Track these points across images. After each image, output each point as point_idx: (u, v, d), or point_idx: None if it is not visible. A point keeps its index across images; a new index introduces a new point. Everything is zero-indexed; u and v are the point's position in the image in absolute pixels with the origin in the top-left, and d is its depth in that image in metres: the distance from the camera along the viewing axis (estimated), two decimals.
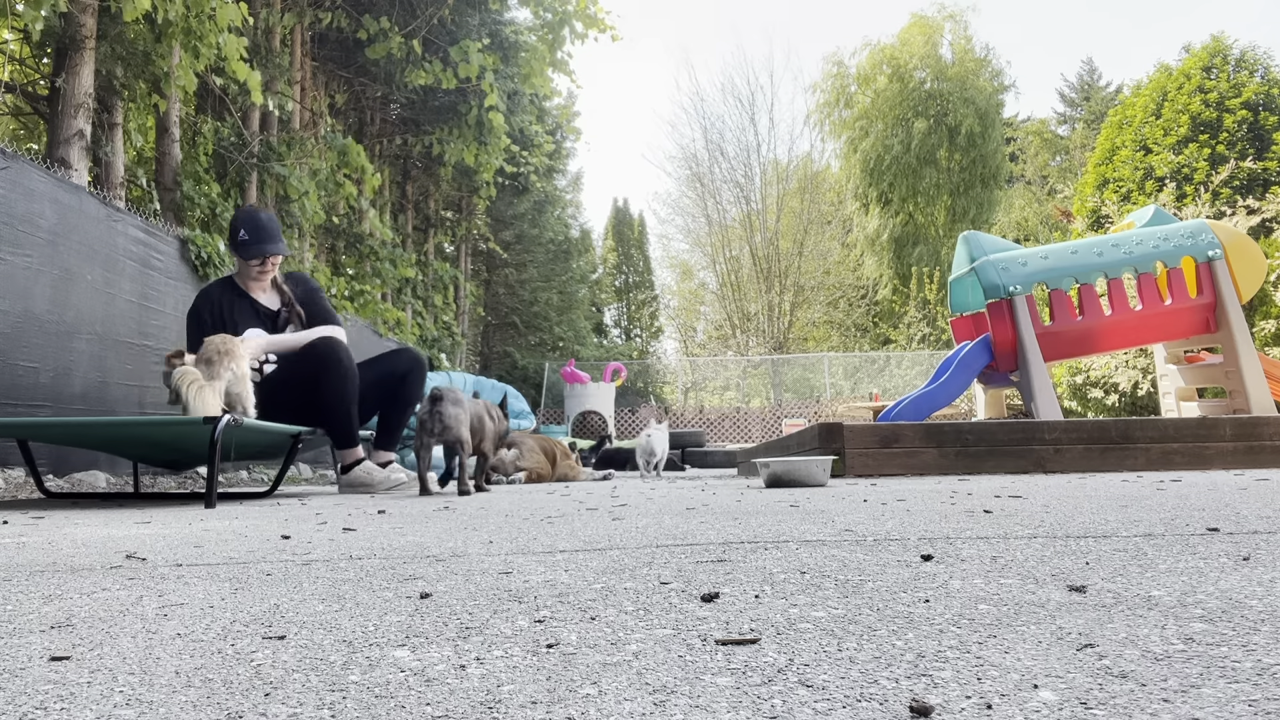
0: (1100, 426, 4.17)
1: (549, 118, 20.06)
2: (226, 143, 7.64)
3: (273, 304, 4.01)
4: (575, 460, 5.99)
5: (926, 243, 25.96)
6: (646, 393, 23.76)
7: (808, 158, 30.99)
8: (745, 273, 30.56)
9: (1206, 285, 5.19)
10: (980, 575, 1.00)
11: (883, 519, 1.72)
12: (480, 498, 3.13)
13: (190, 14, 5.34)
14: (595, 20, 9.80)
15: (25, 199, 4.33)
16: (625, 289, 37.42)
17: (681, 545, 1.37)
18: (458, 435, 3.41)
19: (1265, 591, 0.85)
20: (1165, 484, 2.71)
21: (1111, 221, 9.66)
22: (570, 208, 27.69)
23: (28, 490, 3.98)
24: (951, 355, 5.50)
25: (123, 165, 6.24)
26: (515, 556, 1.28)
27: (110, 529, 1.93)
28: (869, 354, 21.61)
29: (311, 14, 9.13)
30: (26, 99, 6.68)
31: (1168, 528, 1.42)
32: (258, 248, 3.84)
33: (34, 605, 0.94)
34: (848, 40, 62.01)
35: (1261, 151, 9.55)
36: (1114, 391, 9.58)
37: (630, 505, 2.41)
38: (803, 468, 3.34)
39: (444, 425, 3.38)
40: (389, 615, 0.84)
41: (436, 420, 3.38)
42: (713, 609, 0.84)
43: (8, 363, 4.18)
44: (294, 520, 2.10)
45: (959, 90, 26.05)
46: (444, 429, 3.39)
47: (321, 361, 3.81)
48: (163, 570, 1.21)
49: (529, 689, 0.58)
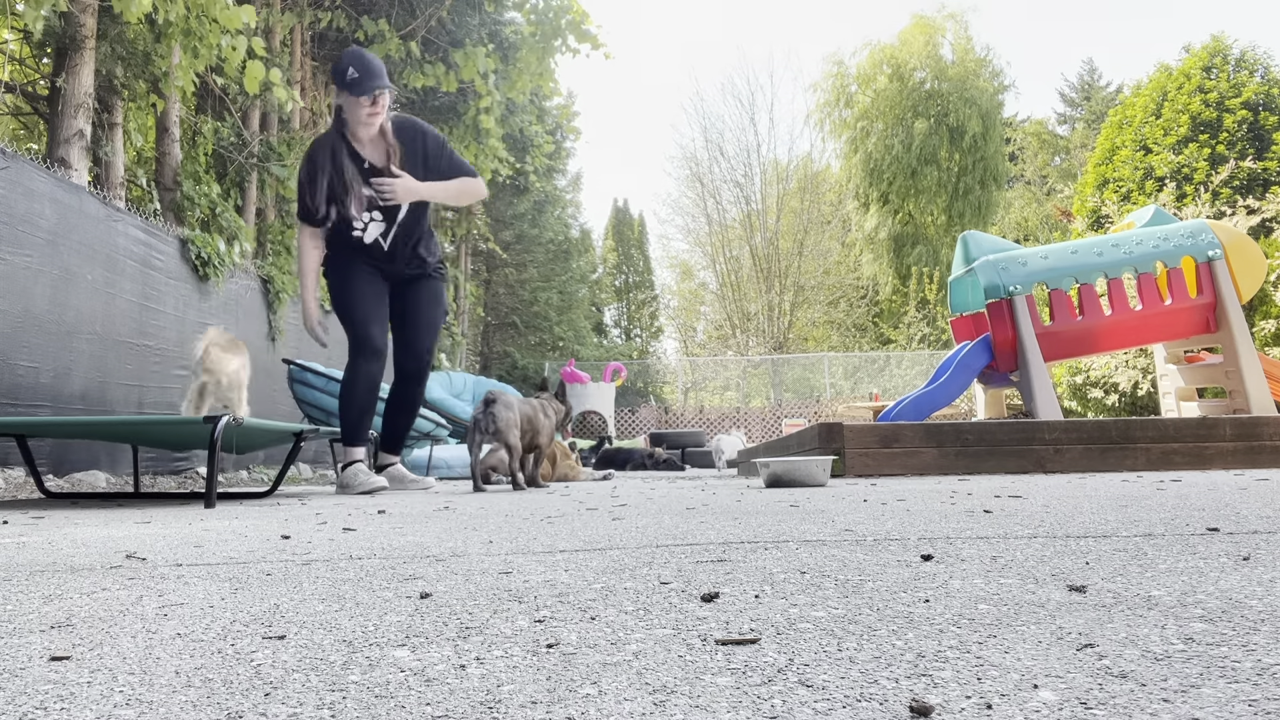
0: (1100, 426, 4.17)
1: (549, 118, 20.06)
2: (226, 143, 7.64)
3: (378, 158, 3.84)
4: (575, 460, 5.99)
5: (926, 243, 25.95)
6: (646, 393, 23.78)
7: (808, 157, 31.00)
8: (745, 273, 30.55)
9: (1206, 285, 5.19)
10: (980, 575, 1.00)
11: (883, 519, 1.72)
12: (480, 498, 3.14)
13: (190, 15, 5.34)
14: (589, 36, 9.78)
15: (25, 199, 4.33)
16: (625, 289, 37.42)
17: (681, 545, 1.37)
18: (506, 438, 3.69)
19: (1265, 591, 0.85)
20: (1165, 484, 2.71)
21: (1111, 221, 9.66)
22: (570, 208, 27.67)
23: (28, 490, 3.98)
24: (951, 355, 5.50)
25: (123, 165, 6.24)
26: (515, 556, 1.28)
27: (110, 529, 1.93)
28: (869, 354, 21.60)
29: (311, 14, 9.13)
30: (26, 99, 6.68)
31: (1168, 528, 1.42)
32: (369, 83, 3.67)
33: (34, 605, 0.94)
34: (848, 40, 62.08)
35: (1261, 151, 9.54)
36: (1114, 391, 9.58)
37: (630, 505, 2.41)
38: (803, 468, 3.34)
39: (496, 427, 3.67)
40: (389, 615, 0.84)
41: (490, 420, 3.67)
42: (713, 609, 0.84)
43: (8, 363, 4.18)
44: (294, 520, 2.10)
45: (959, 90, 26.05)
46: (496, 430, 3.67)
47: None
48: (163, 570, 1.21)
49: (529, 689, 0.58)
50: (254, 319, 7.02)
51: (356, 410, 3.87)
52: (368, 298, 3.87)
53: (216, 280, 6.22)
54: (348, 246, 3.87)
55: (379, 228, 3.85)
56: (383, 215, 3.85)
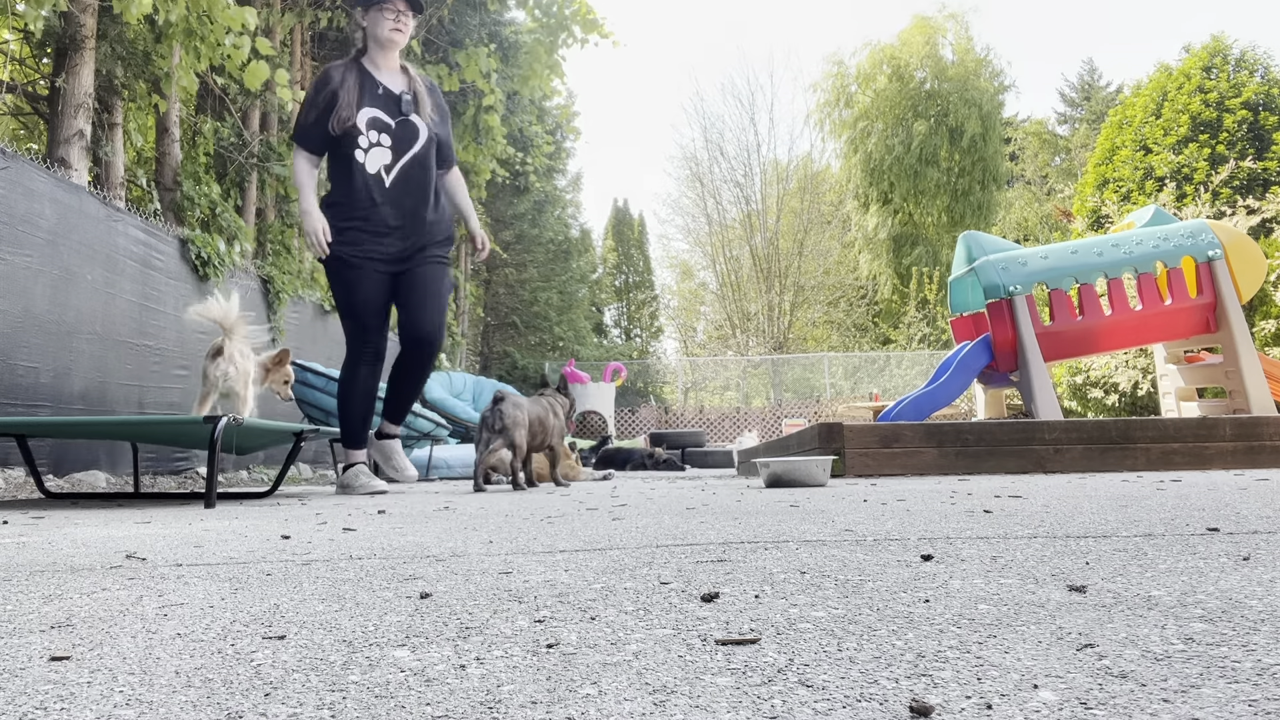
0: (1100, 426, 4.17)
1: (549, 118, 20.06)
2: (226, 143, 7.64)
3: (395, 85, 3.73)
4: (575, 460, 5.99)
5: (926, 243, 25.96)
6: (646, 393, 23.77)
7: (808, 157, 31.02)
8: (745, 273, 30.55)
9: (1206, 285, 5.19)
10: (980, 575, 1.00)
11: (883, 519, 1.72)
12: (480, 498, 3.13)
13: (191, 15, 5.34)
14: (595, 25, 9.78)
15: (25, 199, 4.33)
16: (625, 289, 37.40)
17: (681, 545, 1.37)
18: (513, 436, 3.72)
19: (1265, 591, 0.85)
20: (1165, 484, 2.71)
21: (1111, 221, 9.66)
22: (570, 208, 27.67)
23: (28, 490, 3.98)
24: (951, 355, 5.50)
25: (123, 165, 6.24)
26: (515, 556, 1.28)
27: (110, 529, 1.93)
28: (869, 354, 21.60)
29: (311, 14, 9.13)
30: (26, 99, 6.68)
31: (1168, 528, 1.42)
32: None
33: (34, 605, 0.94)
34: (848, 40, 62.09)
35: (1261, 151, 9.54)
36: (1114, 391, 9.58)
37: (630, 505, 2.41)
38: (803, 468, 3.34)
39: (503, 424, 3.69)
40: (389, 615, 0.84)
41: (498, 418, 3.70)
42: (713, 609, 0.84)
43: (8, 363, 4.18)
44: (294, 520, 2.10)
45: (960, 90, 26.05)
46: (502, 427, 3.69)
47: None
48: (163, 570, 1.21)
49: (529, 689, 0.58)
50: (254, 319, 7.02)
51: (356, 414, 3.79)
52: (370, 300, 3.73)
53: (216, 280, 6.22)
54: (351, 213, 3.64)
55: (383, 156, 3.66)
56: (391, 143, 3.65)
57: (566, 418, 4.15)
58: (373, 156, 3.64)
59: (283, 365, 4.11)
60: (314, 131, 3.65)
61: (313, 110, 3.63)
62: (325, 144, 3.68)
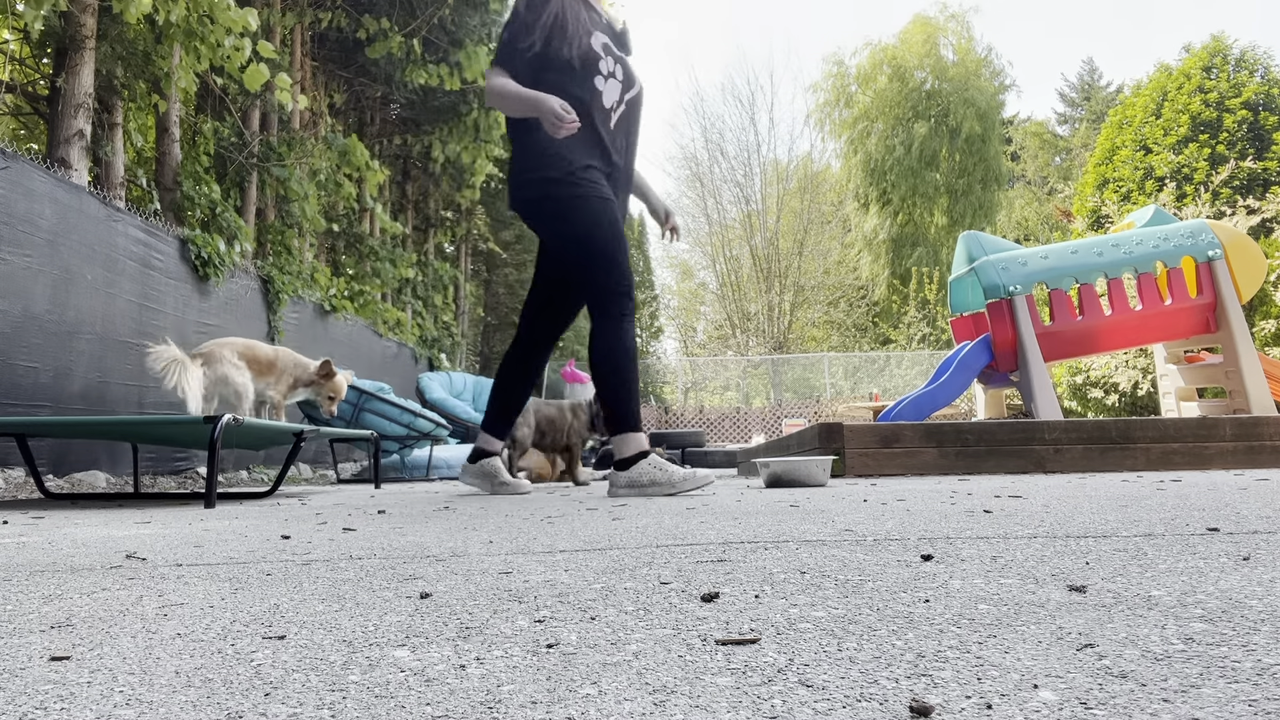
0: (1100, 426, 4.17)
1: None
2: (226, 143, 7.64)
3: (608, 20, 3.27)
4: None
5: (926, 243, 25.95)
6: (646, 393, 23.75)
7: (808, 158, 31.02)
8: (745, 273, 30.56)
9: (1206, 285, 5.19)
10: (980, 575, 1.00)
11: (883, 519, 1.72)
12: (480, 498, 3.13)
13: (192, 15, 5.34)
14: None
15: (25, 199, 4.33)
16: None
17: (681, 545, 1.37)
18: (514, 432, 3.78)
19: (1265, 591, 0.85)
20: (1165, 484, 2.71)
21: (1111, 221, 9.66)
22: None
23: (28, 490, 3.99)
24: (951, 355, 5.50)
25: (123, 165, 6.25)
26: (515, 556, 1.28)
27: (110, 529, 1.93)
28: (869, 354, 21.59)
29: (311, 14, 9.14)
30: (26, 99, 6.69)
31: (1168, 528, 1.42)
32: None
33: (34, 605, 0.94)
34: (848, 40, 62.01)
35: (1261, 151, 9.54)
36: (1114, 391, 9.58)
37: (630, 505, 2.41)
38: (803, 468, 3.34)
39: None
40: (389, 615, 0.84)
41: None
42: (713, 609, 0.84)
43: (8, 363, 4.18)
44: (294, 520, 2.10)
45: (960, 91, 26.04)
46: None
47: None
48: (163, 570, 1.21)
49: (529, 689, 0.58)
50: (254, 319, 7.02)
51: (636, 384, 3.01)
52: (620, 232, 3.05)
53: (216, 280, 6.22)
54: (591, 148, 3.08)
55: (616, 90, 3.15)
56: (623, 77, 3.16)
57: (592, 423, 4.17)
58: (609, 89, 3.13)
59: (331, 378, 4.08)
60: (530, 59, 3.04)
61: (536, 33, 3.04)
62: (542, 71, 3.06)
